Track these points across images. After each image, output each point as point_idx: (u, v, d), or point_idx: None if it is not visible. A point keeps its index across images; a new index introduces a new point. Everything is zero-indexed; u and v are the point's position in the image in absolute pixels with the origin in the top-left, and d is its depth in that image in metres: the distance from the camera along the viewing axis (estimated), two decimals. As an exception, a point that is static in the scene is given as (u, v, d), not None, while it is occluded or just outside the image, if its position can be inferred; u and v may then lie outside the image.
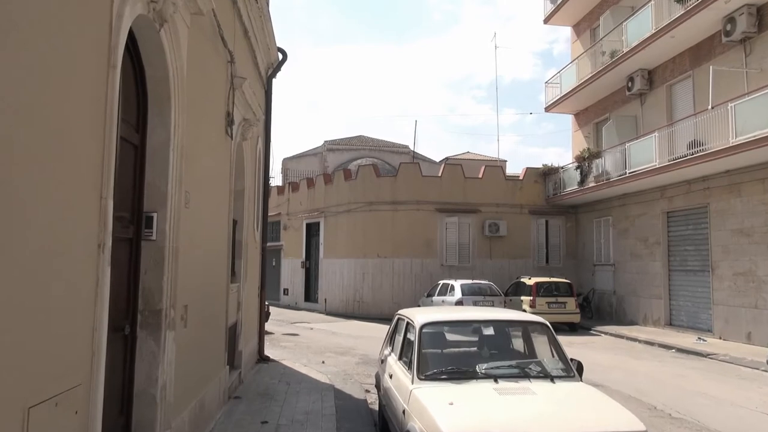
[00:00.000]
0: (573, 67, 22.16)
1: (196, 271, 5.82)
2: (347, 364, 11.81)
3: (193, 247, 5.68)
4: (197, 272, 5.90)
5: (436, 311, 6.20)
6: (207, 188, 6.34)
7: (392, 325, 6.81)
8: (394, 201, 22.78)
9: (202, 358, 6.22)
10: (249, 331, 10.15)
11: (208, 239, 6.41)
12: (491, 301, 18.00)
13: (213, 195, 6.71)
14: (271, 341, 15.11)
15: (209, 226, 6.49)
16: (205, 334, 6.39)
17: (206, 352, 6.46)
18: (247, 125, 8.65)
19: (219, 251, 7.15)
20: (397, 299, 22.37)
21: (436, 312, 6.02)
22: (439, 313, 5.92)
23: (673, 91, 17.97)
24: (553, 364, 5.15)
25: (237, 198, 9.18)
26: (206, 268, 6.37)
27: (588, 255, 22.63)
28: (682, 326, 16.98)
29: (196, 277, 5.86)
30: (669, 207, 17.61)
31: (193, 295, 5.73)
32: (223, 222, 7.44)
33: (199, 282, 5.98)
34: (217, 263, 7.01)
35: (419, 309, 6.40)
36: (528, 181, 23.84)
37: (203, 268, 6.20)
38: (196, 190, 5.73)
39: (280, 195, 29.56)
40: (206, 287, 6.38)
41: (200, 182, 5.97)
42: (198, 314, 5.96)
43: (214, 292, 6.85)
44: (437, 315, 5.66)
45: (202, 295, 6.13)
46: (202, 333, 6.22)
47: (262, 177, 11.30)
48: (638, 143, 17.35)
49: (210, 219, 6.53)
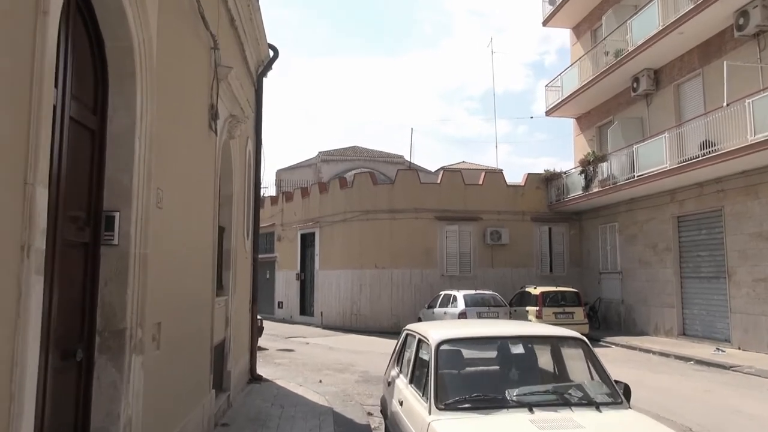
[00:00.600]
0: (574, 69, 21.51)
1: (172, 282, 4.99)
2: (346, 382, 10.94)
3: (169, 255, 4.86)
4: (174, 284, 5.07)
5: (452, 326, 5.37)
6: (187, 188, 5.52)
7: (399, 342, 5.98)
8: (392, 209, 21.98)
9: (180, 384, 5.37)
10: (239, 349, 9.29)
11: (187, 246, 5.58)
12: (496, 312, 17.16)
13: (194, 196, 5.89)
14: (264, 358, 14.22)
15: (189, 231, 5.67)
16: (185, 355, 5.54)
17: (186, 376, 5.60)
18: (235, 122, 7.85)
19: (202, 260, 6.32)
20: (396, 311, 21.51)
21: (453, 327, 5.19)
22: (456, 328, 5.09)
23: (682, 91, 17.29)
24: (596, 388, 4.33)
25: (224, 203, 8.38)
26: (186, 280, 5.54)
27: (593, 263, 21.85)
28: (697, 336, 16.18)
29: (173, 290, 5.03)
30: (680, 211, 16.87)
31: (169, 311, 4.89)
32: (207, 228, 6.61)
33: (176, 295, 5.14)
34: (199, 274, 6.17)
35: (431, 324, 5.58)
36: (530, 188, 23.10)
37: (182, 280, 5.37)
38: (172, 189, 4.92)
39: (273, 205, 28.72)
40: (186, 301, 5.54)
41: (178, 180, 5.16)
42: (175, 333, 5.12)
43: (196, 307, 6.01)
44: (455, 330, 4.84)
45: (180, 311, 5.29)
46: (181, 355, 5.37)
47: (252, 181, 10.48)
48: (647, 145, 16.63)
49: (190, 223, 5.71)
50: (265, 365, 12.90)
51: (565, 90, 22.03)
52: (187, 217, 5.53)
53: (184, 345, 5.47)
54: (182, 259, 5.36)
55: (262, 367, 12.19)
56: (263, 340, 17.24)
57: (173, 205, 4.98)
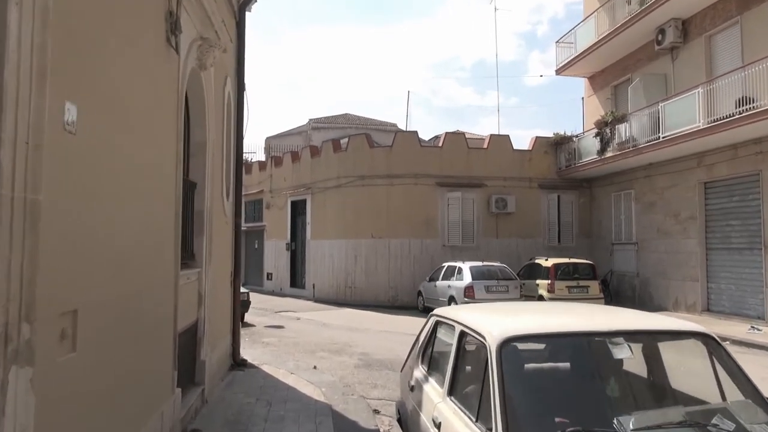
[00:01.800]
0: (590, 22, 19.69)
1: (100, 249, 3.37)
2: (345, 367, 9.45)
3: (91, 208, 3.24)
4: (104, 252, 3.45)
5: (512, 312, 3.78)
6: (128, 115, 3.87)
7: (426, 332, 4.43)
8: (390, 174, 20.30)
9: (120, 393, 3.79)
10: (218, 331, 7.73)
11: (130, 200, 3.96)
12: (505, 286, 15.72)
13: (143, 131, 4.24)
14: (251, 336, 12.73)
15: (134, 178, 4.03)
16: (129, 352, 3.95)
17: (132, 380, 4.02)
18: (207, 47, 6.14)
19: (158, 222, 4.70)
20: (393, 284, 20.04)
21: (515, 314, 3.62)
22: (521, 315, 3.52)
23: (714, 43, 15.61)
24: (748, 413, 2.81)
25: (196, 152, 6.73)
26: (128, 247, 3.92)
27: (605, 233, 20.39)
28: (724, 312, 14.82)
29: (102, 261, 3.42)
30: (708, 176, 15.35)
31: (95, 292, 3.29)
32: (166, 179, 4.97)
33: (109, 269, 3.53)
34: (154, 240, 4.56)
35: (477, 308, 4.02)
36: (537, 152, 21.46)
37: (120, 247, 3.75)
38: (98, 111, 3.27)
39: (262, 170, 26.96)
40: (129, 276, 3.93)
41: (110, 99, 3.50)
42: (109, 322, 3.53)
43: (148, 284, 4.41)
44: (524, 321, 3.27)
45: (117, 291, 3.68)
46: (121, 352, 3.78)
47: (234, 131, 8.79)
48: (675, 102, 15.01)
49: (135, 168, 4.07)
50: (252, 345, 11.41)
51: (578, 46, 20.25)
52: (128, 157, 3.88)
53: (126, 337, 3.88)
54: (121, 217, 3.74)
55: (247, 349, 10.69)
56: (250, 315, 15.76)
57: (101, 134, 3.34)
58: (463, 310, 3.99)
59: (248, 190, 27.89)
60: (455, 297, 15.76)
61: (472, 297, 15.29)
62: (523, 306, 4.03)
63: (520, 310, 3.98)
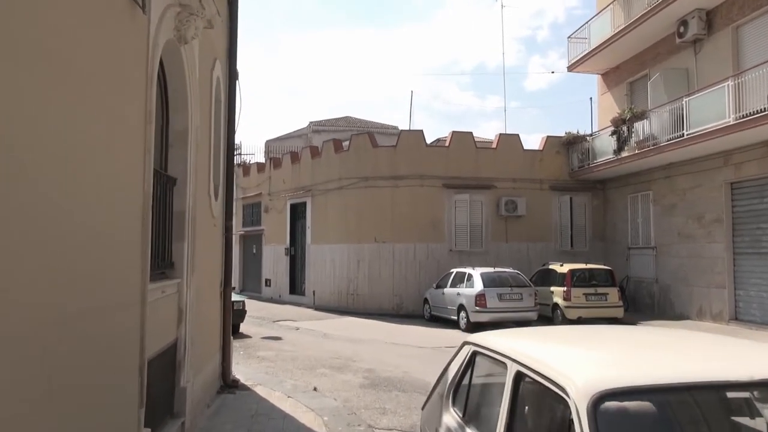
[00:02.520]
0: (606, 15, 18.70)
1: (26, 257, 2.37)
2: (348, 387, 8.43)
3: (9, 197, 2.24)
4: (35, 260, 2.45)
5: (590, 341, 2.75)
6: (66, 79, 2.88)
7: (460, 363, 3.42)
8: (394, 176, 19.29)
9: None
10: (204, 351, 6.73)
11: (74, 192, 2.96)
12: (519, 294, 14.70)
13: (92, 103, 3.24)
14: (246, 349, 11.74)
15: (78, 164, 3.03)
16: (72, 394, 2.94)
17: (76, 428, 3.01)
18: (186, 15, 5.15)
19: (114, 222, 3.70)
20: (398, 291, 19.01)
21: (598, 345, 2.59)
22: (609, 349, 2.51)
23: (742, 34, 14.62)
24: None
25: (175, 142, 5.73)
26: (69, 254, 2.92)
27: (620, 237, 19.37)
28: (755, 322, 13.80)
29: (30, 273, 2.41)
30: (735, 176, 14.35)
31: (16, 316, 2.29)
32: (128, 170, 3.98)
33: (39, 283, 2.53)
34: (108, 244, 3.56)
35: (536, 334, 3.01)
36: (548, 152, 20.45)
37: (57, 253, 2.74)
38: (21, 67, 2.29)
39: (260, 173, 25.99)
40: (69, 293, 2.93)
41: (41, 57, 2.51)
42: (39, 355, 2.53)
43: (100, 301, 3.40)
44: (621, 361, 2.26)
45: (52, 313, 2.68)
46: (59, 395, 2.78)
47: (224, 122, 7.80)
48: (701, 97, 14.02)
49: (82, 151, 3.08)
50: (246, 360, 10.42)
51: (592, 41, 19.27)
52: (64, 134, 2.89)
53: (64, 374, 2.87)
54: (54, 213, 2.74)
55: (241, 364, 9.73)
56: (246, 325, 14.78)
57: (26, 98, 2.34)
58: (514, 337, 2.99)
59: (246, 192, 26.99)
60: (465, 305, 14.75)
61: (483, 306, 14.29)
62: (591, 332, 2.97)
63: (594, 338, 2.92)
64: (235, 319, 13.83)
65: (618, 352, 2.46)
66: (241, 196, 27.67)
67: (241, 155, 28.99)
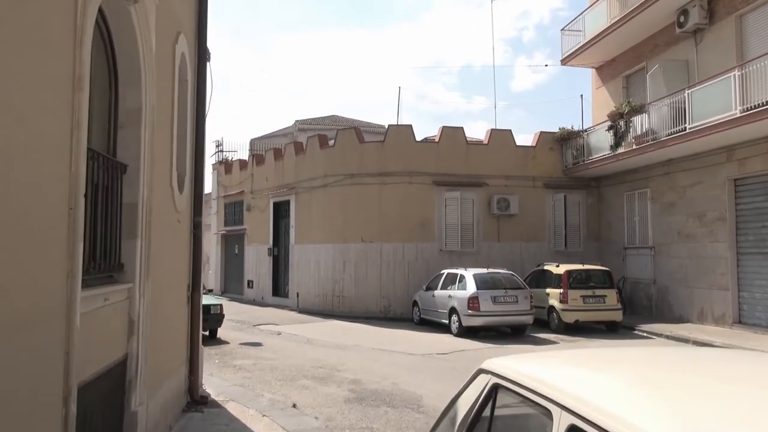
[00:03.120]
0: (601, 6, 18.00)
1: None
2: (332, 402, 7.59)
3: None
4: None
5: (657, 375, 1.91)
6: None
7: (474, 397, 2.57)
8: (382, 172, 18.45)
9: None
10: (164, 366, 5.85)
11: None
12: (514, 297, 13.93)
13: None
14: (222, 357, 10.85)
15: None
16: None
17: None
18: (135, -33, 4.30)
19: (30, 213, 2.84)
20: (386, 293, 18.18)
21: (708, 395, 1.76)
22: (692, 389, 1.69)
23: (746, 23, 13.97)
24: None
25: (127, 123, 4.86)
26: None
27: (616, 236, 18.70)
28: (760, 325, 13.16)
29: None
30: (739, 172, 13.71)
31: None
32: (53, 146, 3.12)
33: None
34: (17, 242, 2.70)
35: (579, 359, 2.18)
36: (542, 149, 19.74)
37: None
38: None
39: (242, 170, 25.05)
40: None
41: None
42: None
43: None
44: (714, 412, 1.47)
45: None
46: None
47: (192, 105, 6.92)
48: (705, 89, 13.34)
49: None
50: (221, 370, 9.54)
51: (587, 33, 18.59)
52: None
53: None
54: None
55: (215, 375, 8.86)
56: (225, 330, 13.89)
57: None
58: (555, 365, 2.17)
59: (228, 191, 26.05)
60: (457, 309, 13.95)
61: (476, 309, 13.50)
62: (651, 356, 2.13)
63: (661, 367, 2.05)
64: (211, 324, 13.00)
65: (722, 405, 1.64)
66: (223, 195, 26.72)
67: (222, 152, 27.94)
